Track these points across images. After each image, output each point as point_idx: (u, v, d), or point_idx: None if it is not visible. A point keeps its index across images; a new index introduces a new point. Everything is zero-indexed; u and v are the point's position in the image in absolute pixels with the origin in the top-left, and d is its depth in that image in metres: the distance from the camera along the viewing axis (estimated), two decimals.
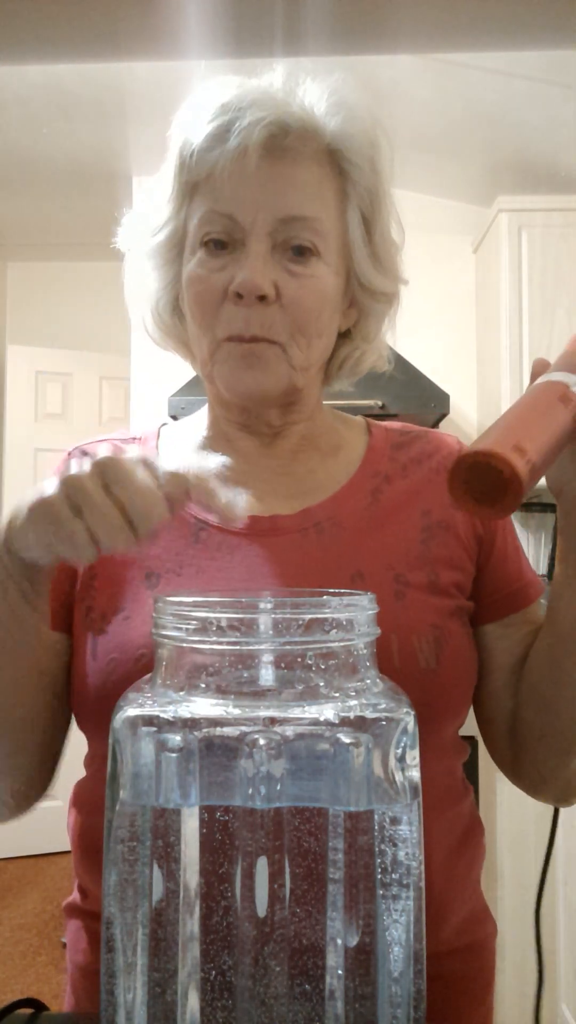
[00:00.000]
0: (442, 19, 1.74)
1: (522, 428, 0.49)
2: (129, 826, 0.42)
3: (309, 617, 0.43)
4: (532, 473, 0.47)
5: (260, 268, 0.65)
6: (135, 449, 0.77)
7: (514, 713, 0.74)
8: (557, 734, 0.69)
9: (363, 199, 0.70)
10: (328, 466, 0.76)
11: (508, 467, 0.46)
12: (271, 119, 0.64)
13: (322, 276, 0.68)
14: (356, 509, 0.73)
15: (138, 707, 0.43)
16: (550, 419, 0.51)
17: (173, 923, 0.41)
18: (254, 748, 0.40)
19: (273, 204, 0.65)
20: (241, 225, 0.66)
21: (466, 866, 0.72)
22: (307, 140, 0.66)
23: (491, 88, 2.21)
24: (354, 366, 0.79)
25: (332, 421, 0.81)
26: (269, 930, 0.40)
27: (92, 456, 0.75)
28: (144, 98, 2.37)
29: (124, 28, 1.77)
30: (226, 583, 0.68)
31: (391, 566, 0.69)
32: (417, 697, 0.47)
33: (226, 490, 0.54)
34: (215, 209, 0.67)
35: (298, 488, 0.74)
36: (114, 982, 0.42)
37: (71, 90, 2.40)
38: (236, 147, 0.64)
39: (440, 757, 0.70)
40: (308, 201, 0.67)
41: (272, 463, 0.76)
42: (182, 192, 0.70)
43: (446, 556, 0.72)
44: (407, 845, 0.42)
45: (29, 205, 3.30)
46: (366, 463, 0.76)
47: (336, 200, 0.69)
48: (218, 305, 0.67)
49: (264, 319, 0.66)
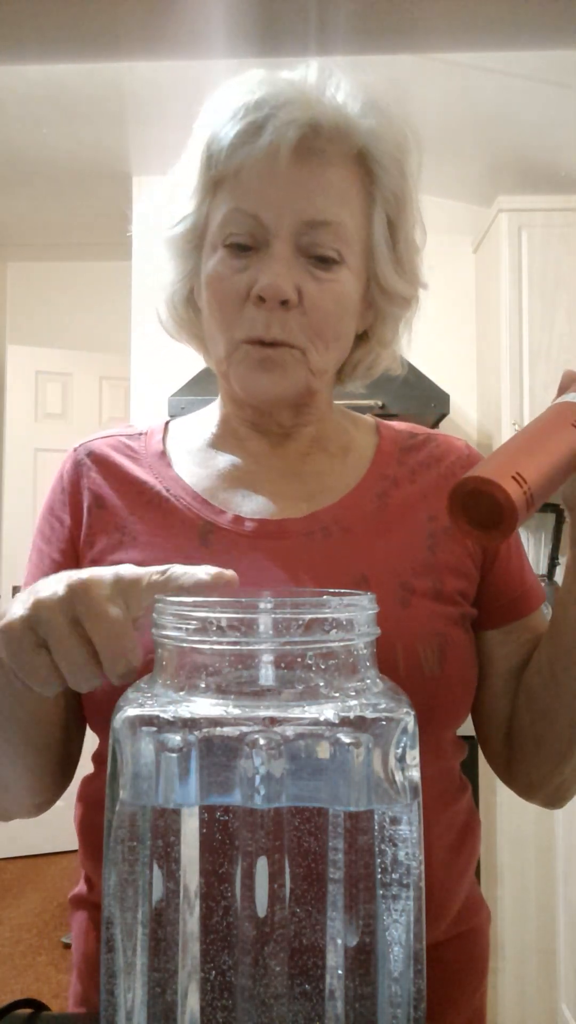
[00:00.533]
0: (442, 19, 1.74)
1: (526, 454, 0.49)
2: (129, 826, 0.42)
3: (309, 617, 0.43)
4: (530, 502, 0.47)
5: (284, 272, 0.64)
6: (142, 444, 0.78)
7: (511, 718, 0.74)
8: (552, 742, 0.69)
9: (389, 203, 0.69)
10: (337, 468, 0.76)
11: (505, 496, 0.46)
12: (305, 119, 0.63)
13: (344, 281, 0.67)
14: (363, 513, 0.72)
15: (138, 707, 0.43)
16: (558, 444, 0.51)
17: (173, 923, 0.41)
18: (254, 748, 0.40)
19: (299, 207, 0.64)
20: (266, 226, 0.65)
21: (464, 861, 0.73)
22: (338, 141, 0.66)
23: (491, 88, 2.21)
24: (368, 369, 0.79)
25: (342, 421, 0.80)
26: (269, 930, 0.40)
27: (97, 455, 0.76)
28: (144, 98, 2.36)
29: (124, 28, 1.77)
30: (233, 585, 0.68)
31: (397, 573, 0.69)
32: (420, 702, 0.47)
33: (204, 566, 0.51)
34: (240, 207, 0.65)
35: (307, 490, 0.74)
36: (114, 982, 0.42)
37: (71, 90, 2.40)
38: (268, 145, 0.63)
39: (440, 758, 0.71)
40: (334, 205, 0.66)
41: (281, 464, 0.75)
42: (206, 187, 0.68)
43: (451, 563, 0.71)
44: (407, 845, 0.42)
45: (29, 205, 3.30)
46: (375, 466, 0.76)
47: (363, 203, 0.68)
48: (238, 306, 0.66)
49: (285, 323, 0.65)
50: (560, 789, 0.73)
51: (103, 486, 0.74)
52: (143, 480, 0.74)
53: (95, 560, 0.71)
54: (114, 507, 0.73)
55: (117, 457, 0.75)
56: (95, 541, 0.72)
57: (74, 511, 0.74)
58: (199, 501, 0.72)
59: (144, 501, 0.73)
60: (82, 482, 0.74)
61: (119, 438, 0.78)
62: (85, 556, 0.72)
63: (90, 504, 0.73)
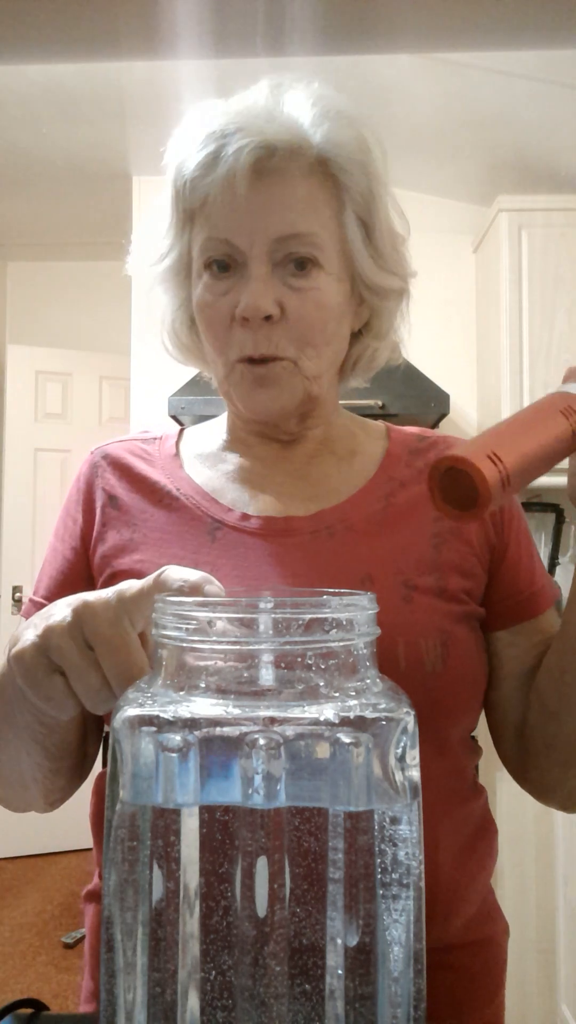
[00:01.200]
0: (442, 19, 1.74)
1: (507, 437, 0.49)
2: (129, 826, 0.42)
3: (309, 617, 0.43)
4: (507, 482, 0.47)
5: (261, 290, 0.66)
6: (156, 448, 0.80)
7: (523, 721, 0.74)
8: (562, 745, 0.70)
9: (358, 203, 0.70)
10: (343, 471, 0.77)
11: (478, 474, 0.46)
12: (256, 143, 0.65)
13: (324, 287, 0.69)
14: (368, 513, 0.73)
15: (138, 707, 0.43)
16: (543, 429, 0.51)
17: (173, 923, 0.41)
18: (254, 748, 0.40)
19: (267, 226, 0.66)
20: (239, 248, 0.67)
21: (477, 864, 0.73)
22: (295, 156, 0.67)
23: (491, 88, 2.21)
24: (368, 363, 0.80)
25: (350, 425, 0.81)
26: (269, 930, 0.40)
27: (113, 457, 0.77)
28: (144, 98, 2.37)
29: (124, 28, 1.77)
30: (239, 582, 0.69)
31: (400, 570, 0.70)
32: (422, 699, 0.47)
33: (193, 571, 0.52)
34: (213, 236, 0.68)
35: (313, 492, 0.75)
36: (114, 982, 0.42)
37: (71, 90, 2.40)
38: (225, 173, 0.65)
39: (446, 757, 0.71)
40: (301, 218, 0.67)
41: (289, 467, 0.77)
42: (181, 219, 0.72)
43: (457, 562, 0.72)
44: (407, 845, 0.42)
45: (29, 205, 3.30)
46: (383, 469, 0.77)
47: (331, 209, 0.70)
48: (228, 329, 0.69)
49: (271, 338, 0.67)
50: (573, 793, 0.73)
51: (117, 486, 0.77)
52: (155, 480, 0.77)
53: (106, 556, 0.74)
54: (127, 506, 0.75)
55: (131, 459, 0.79)
56: (107, 538, 0.74)
57: (87, 510, 0.77)
58: (208, 500, 0.75)
59: (156, 500, 0.75)
60: (96, 483, 0.77)
61: (135, 442, 0.81)
62: (96, 552, 0.75)
63: (104, 503, 0.76)
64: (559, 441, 0.51)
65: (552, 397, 0.53)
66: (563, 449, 0.51)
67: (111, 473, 0.77)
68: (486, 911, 0.74)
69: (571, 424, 0.51)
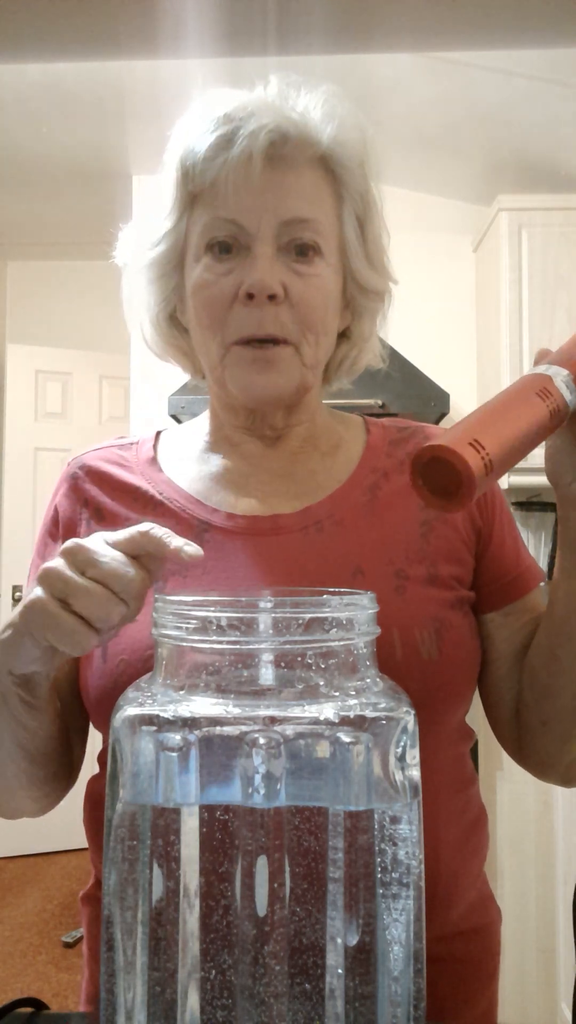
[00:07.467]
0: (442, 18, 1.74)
1: (488, 422, 0.49)
2: (129, 825, 0.42)
3: (309, 616, 0.43)
4: (490, 468, 0.47)
5: (269, 269, 0.67)
6: (133, 453, 0.80)
7: (517, 699, 0.75)
8: (557, 721, 0.71)
9: (356, 202, 0.73)
10: (328, 466, 0.77)
11: (462, 463, 0.46)
12: (273, 126, 0.66)
13: (325, 275, 0.70)
14: (355, 506, 0.74)
15: (138, 706, 0.43)
16: (522, 413, 0.51)
17: (173, 922, 0.41)
18: (254, 747, 0.40)
19: (276, 208, 0.68)
20: (247, 230, 0.68)
21: (472, 851, 0.74)
22: (304, 147, 0.69)
23: (491, 87, 2.21)
24: (351, 365, 0.81)
25: (331, 421, 0.82)
26: (269, 929, 0.40)
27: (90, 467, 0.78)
28: (144, 98, 2.36)
29: (124, 28, 1.77)
30: (230, 583, 0.69)
31: (391, 561, 0.70)
32: (420, 687, 0.47)
33: (176, 537, 0.55)
34: (220, 216, 0.68)
35: (299, 489, 0.75)
36: (114, 981, 0.42)
37: (71, 89, 2.40)
38: (240, 154, 0.66)
39: (447, 745, 0.72)
40: (308, 204, 0.69)
41: (274, 465, 0.77)
42: (183, 203, 0.72)
43: (445, 549, 0.73)
44: (407, 844, 0.42)
45: (29, 205, 3.30)
46: (364, 460, 0.78)
47: (332, 203, 0.72)
48: (227, 309, 0.69)
49: (276, 318, 0.68)
50: (572, 767, 0.74)
51: (98, 496, 0.76)
52: (136, 486, 0.76)
53: None
54: (110, 514, 0.75)
55: (109, 467, 0.78)
56: None
57: (67, 524, 0.76)
58: (192, 502, 0.75)
59: (139, 506, 0.75)
60: (75, 495, 0.77)
61: (111, 449, 0.80)
62: None
63: (90, 515, 0.76)
64: (538, 424, 0.51)
65: (526, 380, 0.53)
66: (542, 432, 0.52)
67: (90, 483, 0.77)
68: (482, 898, 0.75)
69: (547, 406, 0.52)
